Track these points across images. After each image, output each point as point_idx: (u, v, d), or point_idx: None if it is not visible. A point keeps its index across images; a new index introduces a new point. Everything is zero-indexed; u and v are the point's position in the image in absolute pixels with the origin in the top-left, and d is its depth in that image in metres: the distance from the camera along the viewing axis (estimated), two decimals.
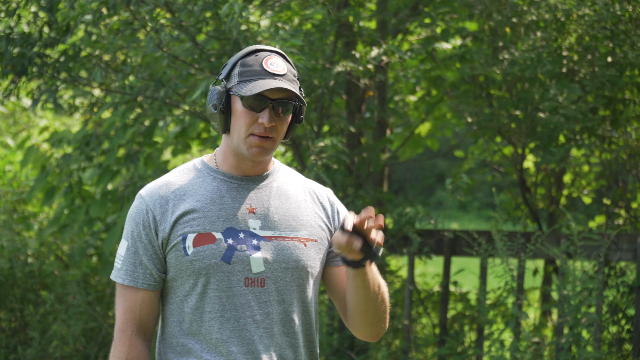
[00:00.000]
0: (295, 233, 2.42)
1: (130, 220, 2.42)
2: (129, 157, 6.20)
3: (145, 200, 2.41)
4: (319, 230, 2.46)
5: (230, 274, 2.36)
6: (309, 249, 2.43)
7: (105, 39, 5.54)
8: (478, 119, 5.94)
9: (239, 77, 2.37)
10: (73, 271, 6.90)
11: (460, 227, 8.73)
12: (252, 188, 2.43)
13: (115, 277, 2.42)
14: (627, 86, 5.69)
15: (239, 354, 2.36)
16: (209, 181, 2.43)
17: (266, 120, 2.34)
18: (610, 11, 5.32)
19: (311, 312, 2.45)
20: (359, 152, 6.10)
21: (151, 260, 2.39)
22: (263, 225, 2.40)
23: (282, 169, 2.52)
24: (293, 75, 2.40)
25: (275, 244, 2.40)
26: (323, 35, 5.67)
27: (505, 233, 5.42)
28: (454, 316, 6.20)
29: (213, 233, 2.37)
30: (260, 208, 2.42)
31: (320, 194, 2.52)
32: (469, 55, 5.90)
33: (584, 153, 6.21)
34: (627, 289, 5.41)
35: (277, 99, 2.35)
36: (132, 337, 2.39)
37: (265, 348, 2.37)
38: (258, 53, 2.39)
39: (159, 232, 2.38)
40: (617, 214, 6.16)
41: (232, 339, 2.36)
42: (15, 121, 9.50)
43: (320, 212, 2.49)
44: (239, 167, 2.43)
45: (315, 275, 2.45)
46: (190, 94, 5.34)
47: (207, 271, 2.35)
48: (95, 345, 6.55)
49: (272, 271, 2.38)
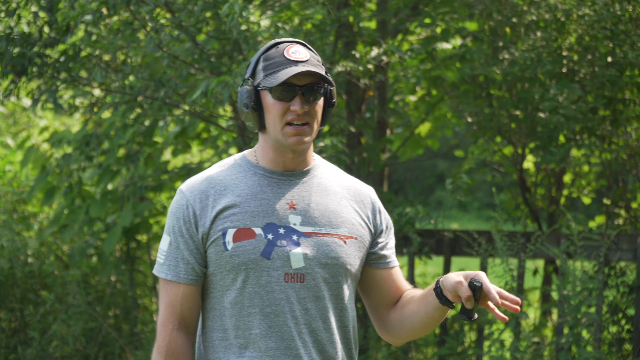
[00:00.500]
0: (335, 230, 2.42)
1: (171, 215, 2.42)
2: (129, 157, 6.20)
3: (186, 195, 2.41)
4: (359, 228, 2.45)
5: (269, 270, 2.36)
6: (349, 247, 2.42)
7: (105, 39, 5.54)
8: (478, 119, 5.94)
9: (263, 71, 2.37)
10: (73, 271, 6.90)
11: (460, 227, 8.73)
12: (293, 183, 2.43)
13: (158, 272, 2.43)
14: (627, 86, 5.69)
15: (277, 349, 2.36)
16: (249, 176, 2.43)
17: (298, 107, 2.34)
18: (610, 11, 5.32)
19: (348, 309, 2.45)
20: (359, 152, 6.10)
21: (192, 255, 2.39)
22: (303, 221, 2.40)
23: (323, 165, 2.51)
24: (317, 61, 2.40)
25: (316, 240, 2.39)
26: (323, 35, 5.67)
27: (505, 233, 5.42)
28: (454, 316, 6.20)
29: (253, 228, 2.37)
30: (300, 204, 2.41)
31: (362, 192, 2.51)
32: (469, 55, 5.90)
33: (584, 153, 6.20)
34: (627, 289, 5.41)
35: (304, 85, 2.35)
36: (173, 331, 2.40)
37: (304, 344, 2.38)
38: (278, 45, 2.40)
39: (199, 226, 2.38)
40: (617, 214, 6.16)
41: (272, 335, 2.36)
42: (15, 121, 9.50)
43: (361, 211, 2.48)
44: (279, 162, 2.42)
45: (354, 272, 2.45)
46: (190, 94, 5.33)
47: (246, 266, 2.36)
48: (95, 345, 6.55)
49: (311, 267, 2.38)
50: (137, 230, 6.70)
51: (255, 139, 5.18)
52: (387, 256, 2.52)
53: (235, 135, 6.13)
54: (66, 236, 6.67)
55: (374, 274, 2.51)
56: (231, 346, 2.39)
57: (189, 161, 7.71)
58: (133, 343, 6.59)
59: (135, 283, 6.81)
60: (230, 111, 6.46)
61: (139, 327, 6.75)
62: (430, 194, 15.97)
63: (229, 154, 6.57)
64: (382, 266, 2.51)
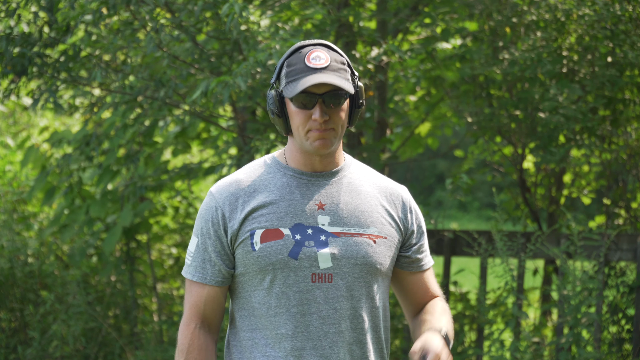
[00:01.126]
0: (364, 229, 2.42)
1: (200, 217, 2.44)
2: (129, 157, 6.20)
3: (215, 197, 2.43)
4: (389, 228, 2.46)
5: (297, 270, 2.37)
6: (379, 246, 2.43)
7: (105, 39, 5.54)
8: (478, 119, 5.94)
9: (285, 78, 2.38)
10: (73, 271, 6.90)
11: (460, 227, 8.73)
12: (322, 184, 2.43)
13: (185, 273, 2.45)
14: (627, 86, 5.69)
15: (304, 349, 2.37)
16: (279, 177, 2.44)
17: (318, 116, 2.34)
18: (610, 11, 5.32)
19: (379, 308, 2.45)
20: (359, 152, 6.10)
21: (220, 257, 2.41)
22: (332, 221, 2.40)
23: (354, 165, 2.51)
24: (340, 63, 2.38)
25: (344, 240, 2.40)
26: (323, 35, 5.67)
27: (505, 233, 5.42)
28: (454, 316, 6.20)
29: (281, 229, 2.38)
30: (329, 204, 2.42)
31: (393, 191, 2.51)
32: (469, 55, 5.90)
33: (584, 153, 6.20)
34: (627, 289, 5.41)
35: (324, 93, 2.35)
36: (195, 329, 2.42)
37: (332, 344, 2.38)
38: (301, 50, 2.39)
39: (228, 229, 2.40)
40: (617, 214, 6.16)
41: (298, 335, 2.37)
42: (15, 121, 9.50)
43: (392, 210, 2.48)
44: (307, 164, 2.43)
45: (384, 272, 2.45)
46: (190, 94, 5.33)
47: (273, 267, 2.37)
48: (95, 345, 6.55)
49: (339, 267, 2.38)
50: (137, 230, 6.70)
51: (256, 139, 5.18)
52: (420, 259, 2.53)
53: (235, 135, 6.13)
54: (66, 236, 6.67)
55: (403, 276, 2.53)
56: (257, 345, 2.40)
57: (189, 161, 7.71)
58: (133, 343, 6.59)
59: (135, 283, 6.81)
60: (230, 111, 6.47)
61: (139, 327, 6.75)
62: (430, 194, 15.98)
63: (229, 154, 6.57)
64: (414, 269, 2.52)
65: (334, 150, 2.44)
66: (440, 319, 2.45)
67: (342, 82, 2.34)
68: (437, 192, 15.95)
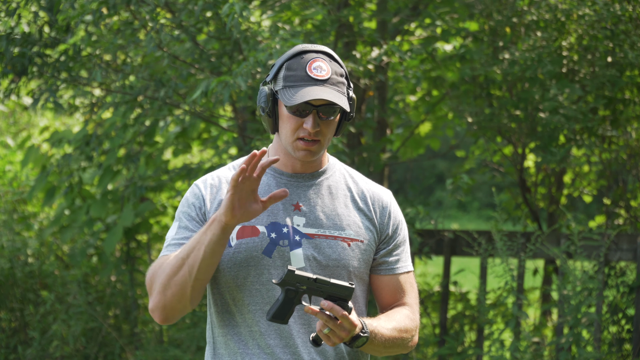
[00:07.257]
0: (339, 232, 2.44)
1: (182, 204, 2.45)
2: (130, 157, 6.20)
3: (199, 185, 2.45)
4: (366, 232, 2.46)
5: (270, 268, 2.38)
6: (353, 249, 2.44)
7: (105, 38, 5.54)
8: (478, 119, 5.94)
9: (284, 81, 2.38)
10: (73, 271, 6.90)
11: (460, 227, 8.73)
12: (302, 185, 2.45)
13: (163, 253, 2.42)
14: (627, 86, 5.69)
15: (276, 347, 2.39)
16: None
17: (310, 126, 2.35)
18: (610, 11, 5.32)
19: None
20: (359, 152, 6.10)
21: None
22: (307, 223, 2.42)
23: (337, 167, 2.52)
24: (340, 76, 2.39)
25: (318, 241, 2.41)
26: (323, 36, 5.67)
27: (505, 233, 5.42)
28: (454, 316, 6.20)
29: (257, 226, 2.40)
30: (306, 205, 2.43)
31: (375, 195, 2.51)
32: (469, 55, 5.90)
33: (584, 153, 6.21)
34: (627, 289, 5.41)
35: (320, 105, 2.36)
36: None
37: (303, 342, 2.40)
38: (303, 55, 2.39)
39: (207, 213, 2.41)
40: (617, 214, 6.16)
41: (270, 332, 2.39)
42: (15, 121, 9.51)
43: (370, 214, 2.49)
44: (288, 164, 2.45)
45: (358, 275, 2.45)
46: (190, 94, 5.34)
47: (247, 263, 2.38)
48: (95, 345, 6.55)
49: (311, 268, 2.40)
50: (137, 230, 6.70)
51: (256, 139, 5.18)
52: (388, 262, 2.51)
53: (235, 135, 6.13)
54: (66, 236, 6.67)
55: (374, 280, 2.52)
56: (231, 342, 2.41)
57: (190, 161, 7.71)
58: (133, 343, 6.60)
59: (135, 283, 6.81)
60: (230, 111, 6.47)
61: (139, 327, 6.75)
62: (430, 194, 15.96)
63: (229, 154, 6.57)
64: (382, 272, 2.51)
65: (319, 157, 2.47)
66: (383, 319, 2.41)
67: (339, 99, 2.36)
68: (437, 192, 15.94)
